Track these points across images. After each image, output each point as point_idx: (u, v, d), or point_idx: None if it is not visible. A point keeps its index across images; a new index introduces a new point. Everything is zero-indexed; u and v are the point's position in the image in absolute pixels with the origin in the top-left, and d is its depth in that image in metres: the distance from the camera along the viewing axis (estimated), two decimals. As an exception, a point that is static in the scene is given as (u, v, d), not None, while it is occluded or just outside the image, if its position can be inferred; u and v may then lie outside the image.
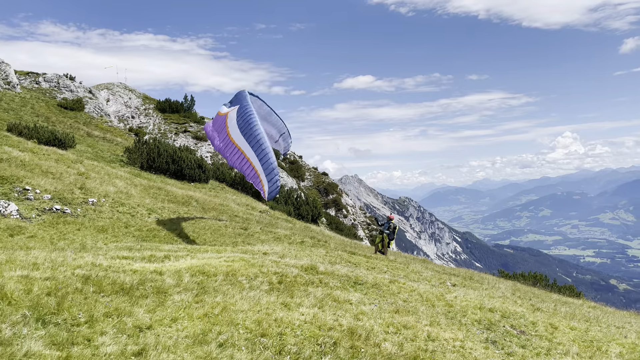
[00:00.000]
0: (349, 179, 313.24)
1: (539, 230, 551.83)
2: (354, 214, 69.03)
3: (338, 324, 8.74)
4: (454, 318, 10.88)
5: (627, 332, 13.49)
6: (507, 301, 14.45)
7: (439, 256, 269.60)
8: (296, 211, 41.24)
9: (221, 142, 17.49)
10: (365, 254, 22.98)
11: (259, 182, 16.73)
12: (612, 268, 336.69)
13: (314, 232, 30.39)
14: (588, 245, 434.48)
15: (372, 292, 12.16)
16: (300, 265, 13.50)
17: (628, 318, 18.07)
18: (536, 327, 11.18)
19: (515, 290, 20.18)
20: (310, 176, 73.70)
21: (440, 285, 16.12)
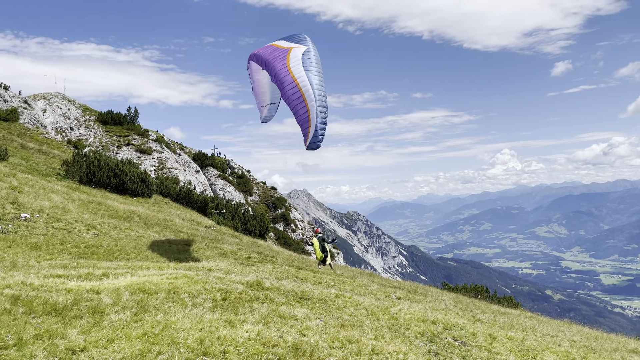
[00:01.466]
0: (297, 193, 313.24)
1: (480, 243, 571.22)
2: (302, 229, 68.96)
3: (283, 340, 8.64)
4: (398, 331, 11.02)
5: (560, 340, 14.14)
6: (450, 313, 14.81)
7: (386, 270, 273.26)
8: (243, 226, 40.74)
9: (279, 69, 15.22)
10: (313, 268, 22.98)
11: (307, 127, 14.66)
12: (547, 279, 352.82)
13: (261, 247, 30.09)
14: (525, 258, 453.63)
15: (318, 307, 12.14)
16: (246, 281, 13.31)
17: (562, 327, 18.96)
18: (476, 337, 11.51)
19: (458, 302, 20.73)
20: (259, 190, 73.15)
21: (385, 298, 16.31)
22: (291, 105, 14.76)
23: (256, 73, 17.84)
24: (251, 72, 18.09)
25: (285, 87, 14.71)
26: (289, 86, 14.65)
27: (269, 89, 18.28)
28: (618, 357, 13.29)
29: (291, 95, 14.59)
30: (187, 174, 54.28)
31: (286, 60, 15.02)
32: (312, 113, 14.48)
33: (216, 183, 61.91)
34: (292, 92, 14.56)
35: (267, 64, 15.63)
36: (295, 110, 14.75)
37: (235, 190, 63.62)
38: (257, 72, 17.78)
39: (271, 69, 15.46)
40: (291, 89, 14.59)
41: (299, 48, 15.42)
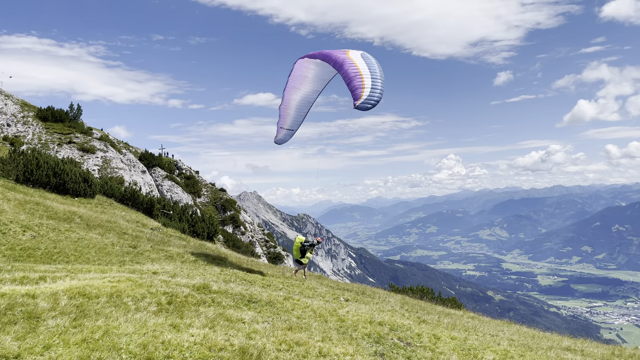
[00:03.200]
0: (247, 195, 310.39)
1: (426, 246, 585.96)
2: (252, 231, 68.36)
3: (229, 343, 8.54)
4: (345, 333, 11.12)
5: (500, 339, 14.72)
6: (396, 314, 15.10)
7: (335, 272, 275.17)
8: (191, 228, 39.92)
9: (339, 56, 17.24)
10: (262, 270, 22.83)
11: (361, 90, 16.04)
12: (489, 280, 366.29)
13: (209, 249, 29.60)
14: (469, 260, 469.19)
15: (266, 309, 12.07)
16: (192, 284, 13.05)
17: (501, 326, 19.73)
18: (421, 338, 11.79)
19: (404, 303, 21.16)
20: (207, 192, 71.92)
21: (334, 300, 16.43)
22: (350, 78, 16.36)
23: (292, 91, 19.23)
24: (292, 83, 19.25)
25: (347, 66, 16.58)
26: (351, 66, 16.55)
27: (295, 112, 19.63)
28: (553, 355, 13.96)
29: (352, 72, 16.37)
30: (133, 174, 52.65)
31: (346, 53, 17.20)
32: (367, 81, 16.07)
33: (163, 184, 60.38)
34: (353, 70, 16.40)
35: (328, 55, 17.57)
36: (351, 80, 16.29)
37: (183, 191, 62.29)
38: (295, 90, 19.20)
39: (331, 57, 17.39)
40: (353, 68, 16.48)
41: (355, 51, 17.57)
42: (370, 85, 15.99)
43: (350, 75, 16.29)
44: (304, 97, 19.35)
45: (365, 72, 16.31)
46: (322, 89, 19.54)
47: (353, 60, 16.70)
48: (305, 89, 19.26)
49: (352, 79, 16.20)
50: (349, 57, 16.84)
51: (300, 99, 19.38)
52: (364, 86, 15.98)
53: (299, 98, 19.35)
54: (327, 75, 18.95)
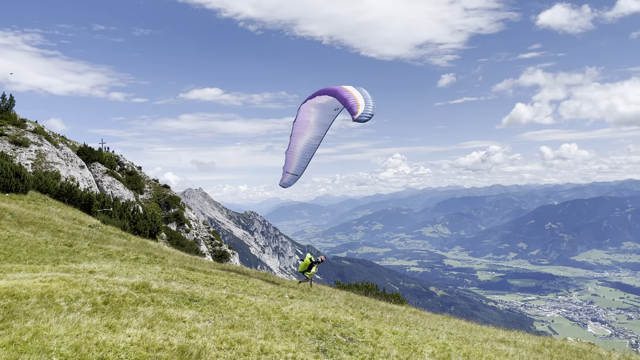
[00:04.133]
0: (192, 192, 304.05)
1: (372, 243, 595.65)
2: (197, 229, 67.03)
3: (168, 343, 8.33)
4: (288, 330, 11.12)
5: (439, 333, 15.18)
6: (340, 311, 15.26)
7: (282, 269, 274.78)
8: (132, 225, 38.66)
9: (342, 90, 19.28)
10: (206, 269, 22.43)
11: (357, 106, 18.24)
12: (431, 276, 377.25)
13: (151, 247, 28.78)
14: (413, 256, 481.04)
15: (208, 308, 11.87)
16: (131, 283, 12.64)
17: (441, 321, 20.37)
18: (363, 333, 11.98)
19: (349, 299, 21.41)
20: (150, 189, 69.87)
21: (278, 298, 16.39)
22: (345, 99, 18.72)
23: (297, 137, 21.19)
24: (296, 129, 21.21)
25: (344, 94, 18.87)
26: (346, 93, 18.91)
27: (299, 158, 21.49)
28: (488, 347, 14.54)
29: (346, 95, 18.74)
30: (70, 169, 50.33)
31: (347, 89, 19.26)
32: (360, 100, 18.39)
33: (103, 180, 58.10)
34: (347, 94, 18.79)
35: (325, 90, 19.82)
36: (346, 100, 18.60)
37: (125, 187, 60.20)
38: (299, 136, 21.14)
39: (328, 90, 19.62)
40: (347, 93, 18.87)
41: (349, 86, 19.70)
42: (364, 103, 18.31)
43: (344, 96, 18.64)
44: (307, 143, 21.19)
45: (358, 95, 18.67)
46: (324, 135, 21.32)
47: (346, 88, 19.07)
48: (309, 135, 21.14)
49: (347, 99, 18.51)
50: (343, 87, 19.21)
51: (304, 145, 21.20)
52: (358, 104, 18.27)
53: (303, 143, 21.18)
54: (327, 120, 21.06)
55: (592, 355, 16.62)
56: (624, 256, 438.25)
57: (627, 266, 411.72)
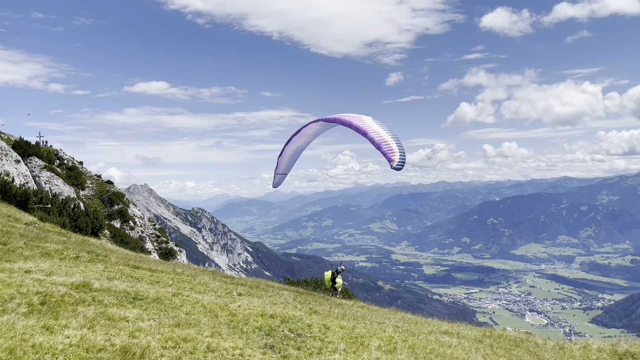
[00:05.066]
0: (138, 188, 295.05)
1: (322, 239, 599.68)
2: (142, 226, 65.09)
3: (110, 344, 8.06)
4: (236, 327, 11.03)
5: (386, 326, 15.50)
6: (289, 306, 15.27)
7: (231, 267, 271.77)
8: (73, 223, 37.07)
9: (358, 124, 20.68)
10: (151, 267, 21.85)
11: (392, 154, 19.55)
12: (379, 271, 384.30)
13: (93, 246, 27.69)
14: (362, 252, 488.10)
15: (153, 307, 11.58)
16: (71, 282, 12.13)
17: (388, 314, 20.80)
18: (311, 328, 12.05)
19: (298, 295, 21.46)
20: (92, 185, 67.19)
21: (226, 295, 16.21)
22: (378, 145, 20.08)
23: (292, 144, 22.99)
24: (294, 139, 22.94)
25: (371, 134, 20.31)
26: (374, 133, 20.30)
27: (289, 160, 23.71)
28: (432, 339, 14.99)
29: (378, 139, 20.16)
30: (5, 164, 47.62)
31: (362, 120, 20.96)
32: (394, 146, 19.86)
33: (41, 175, 55.34)
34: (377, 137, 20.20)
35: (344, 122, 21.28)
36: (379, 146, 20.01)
37: (65, 183, 57.59)
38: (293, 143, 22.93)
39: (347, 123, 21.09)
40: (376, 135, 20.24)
41: (366, 116, 21.30)
42: (397, 149, 19.90)
43: (376, 142, 20.10)
44: (297, 148, 23.33)
45: (387, 137, 20.21)
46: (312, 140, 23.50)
47: (373, 128, 20.43)
48: (301, 142, 23.10)
49: (381, 144, 20.01)
50: (367, 124, 20.56)
51: (294, 150, 23.30)
52: (394, 151, 19.82)
53: (293, 149, 23.30)
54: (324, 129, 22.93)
55: (528, 344, 17.46)
56: (559, 249, 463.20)
57: (561, 259, 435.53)
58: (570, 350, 17.18)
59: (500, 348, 15.52)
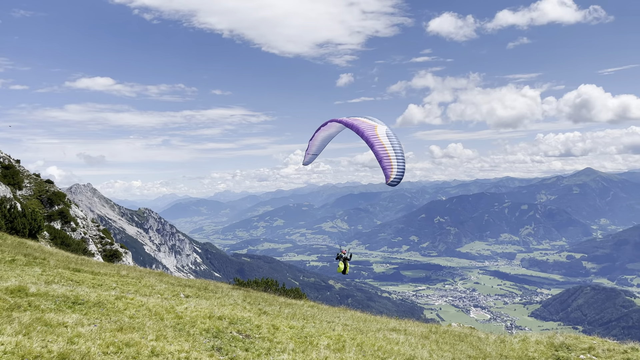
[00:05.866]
0: (80, 188, 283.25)
1: (273, 239, 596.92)
2: (84, 227, 62.54)
3: (47, 350, 7.70)
4: (182, 330, 10.80)
5: (335, 325, 15.63)
6: (237, 308, 15.12)
7: (179, 268, 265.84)
8: (8, 224, 35.18)
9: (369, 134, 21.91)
10: (94, 270, 21.05)
11: (390, 170, 20.89)
12: (331, 270, 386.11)
13: (30, 248, 26.37)
14: (313, 251, 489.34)
15: (94, 311, 11.16)
16: (5, 287, 11.50)
17: (338, 313, 20.98)
18: (260, 329, 11.98)
19: (247, 296, 21.28)
20: (31, 184, 63.93)
21: (173, 297, 15.85)
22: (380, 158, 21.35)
23: (323, 131, 25.11)
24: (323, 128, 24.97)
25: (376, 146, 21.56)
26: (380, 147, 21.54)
27: (320, 144, 25.93)
28: (380, 336, 15.25)
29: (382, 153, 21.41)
30: None
31: (375, 131, 22.15)
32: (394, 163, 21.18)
33: (-27, 174, 52.10)
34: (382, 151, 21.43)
35: (358, 130, 22.54)
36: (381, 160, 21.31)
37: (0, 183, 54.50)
38: (323, 131, 25.07)
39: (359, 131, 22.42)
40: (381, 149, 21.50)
41: (382, 126, 22.74)
42: (396, 166, 21.19)
43: (380, 155, 21.40)
44: (327, 135, 25.71)
45: (392, 153, 21.41)
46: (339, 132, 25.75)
47: (381, 141, 21.67)
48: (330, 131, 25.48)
49: (382, 159, 21.31)
50: (377, 136, 21.81)
51: (324, 136, 25.67)
52: (392, 168, 21.10)
53: (323, 135, 25.56)
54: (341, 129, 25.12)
55: (472, 338, 18.09)
56: (501, 247, 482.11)
57: (504, 256, 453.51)
58: (510, 343, 17.93)
59: (446, 343, 15.98)
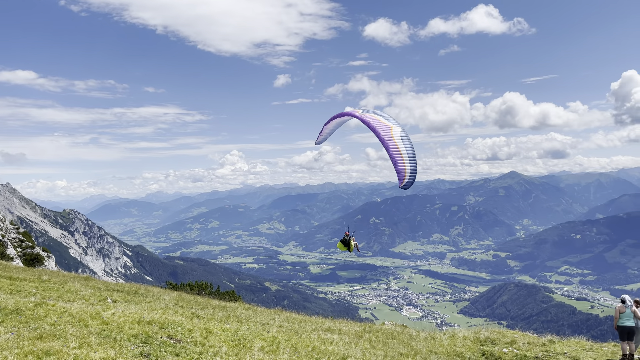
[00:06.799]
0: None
1: (208, 241, 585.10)
2: (2, 230, 58.41)
3: (-46, 364, 7.10)
4: (109, 336, 10.33)
5: (270, 327, 15.53)
6: (169, 312, 14.66)
7: (108, 272, 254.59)
8: None
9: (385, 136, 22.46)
10: (12, 275, 19.71)
11: (404, 174, 21.73)
12: (267, 272, 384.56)
13: (-62, 253, 24.30)
14: (249, 253, 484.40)
15: (12, 319, 10.43)
16: None
17: (273, 315, 20.89)
18: (192, 333, 11.68)
19: (180, 300, 20.73)
20: (-60, 183, 58.94)
21: (99, 303, 15.14)
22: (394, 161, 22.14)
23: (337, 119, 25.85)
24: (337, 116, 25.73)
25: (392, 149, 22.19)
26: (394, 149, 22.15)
27: (333, 127, 26.88)
28: (315, 336, 15.32)
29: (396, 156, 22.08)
30: None
31: (391, 132, 22.62)
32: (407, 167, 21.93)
33: None
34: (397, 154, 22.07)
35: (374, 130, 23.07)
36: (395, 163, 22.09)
37: None
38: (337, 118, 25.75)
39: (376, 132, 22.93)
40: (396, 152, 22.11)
41: (397, 127, 23.05)
42: (409, 170, 21.98)
43: (395, 159, 22.16)
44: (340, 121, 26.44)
45: (405, 157, 22.04)
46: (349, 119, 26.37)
47: (397, 144, 22.24)
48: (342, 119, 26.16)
49: (397, 162, 22.07)
50: (392, 138, 22.38)
51: (337, 122, 26.44)
52: (405, 171, 21.89)
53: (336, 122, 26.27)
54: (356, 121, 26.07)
55: (404, 336, 18.61)
56: (433, 246, 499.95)
57: (435, 255, 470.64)
58: (440, 339, 18.61)
59: (378, 342, 16.33)
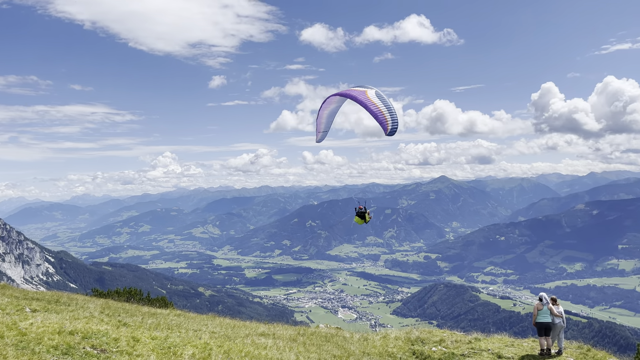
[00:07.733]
0: None
1: (138, 245, 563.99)
2: None
3: None
4: (26, 348, 9.68)
5: (202, 333, 15.18)
6: (93, 321, 13.96)
7: (27, 280, 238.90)
8: None
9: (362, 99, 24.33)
10: None
11: (386, 124, 23.72)
12: (200, 277, 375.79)
13: None
14: (182, 258, 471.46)
15: None
16: None
17: (206, 321, 20.44)
18: (118, 342, 11.18)
19: (106, 307, 19.82)
20: None
21: (17, 312, 14.17)
22: (375, 115, 23.98)
23: (325, 109, 27.14)
24: (324, 106, 27.03)
25: (370, 106, 24.04)
26: (373, 106, 24.00)
27: (326, 120, 27.78)
28: (249, 341, 15.15)
29: (375, 110, 23.94)
30: None
31: (366, 94, 24.47)
32: (387, 116, 23.84)
33: None
34: (375, 109, 23.92)
35: (351, 96, 25.01)
36: (376, 116, 23.97)
37: None
38: (325, 109, 27.13)
39: (354, 98, 24.86)
40: (374, 107, 23.96)
41: (371, 90, 24.80)
42: (390, 119, 23.89)
43: (374, 113, 23.87)
44: (330, 111, 27.57)
45: (384, 109, 23.92)
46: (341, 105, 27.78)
47: (373, 101, 24.03)
48: (331, 107, 27.39)
49: (377, 115, 23.79)
50: (369, 98, 24.20)
51: (328, 112, 27.53)
52: (387, 121, 23.75)
53: (327, 112, 27.40)
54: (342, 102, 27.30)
55: (338, 338, 18.80)
56: (368, 249, 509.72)
57: (369, 257, 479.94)
58: (372, 340, 18.98)
59: (312, 345, 16.39)
